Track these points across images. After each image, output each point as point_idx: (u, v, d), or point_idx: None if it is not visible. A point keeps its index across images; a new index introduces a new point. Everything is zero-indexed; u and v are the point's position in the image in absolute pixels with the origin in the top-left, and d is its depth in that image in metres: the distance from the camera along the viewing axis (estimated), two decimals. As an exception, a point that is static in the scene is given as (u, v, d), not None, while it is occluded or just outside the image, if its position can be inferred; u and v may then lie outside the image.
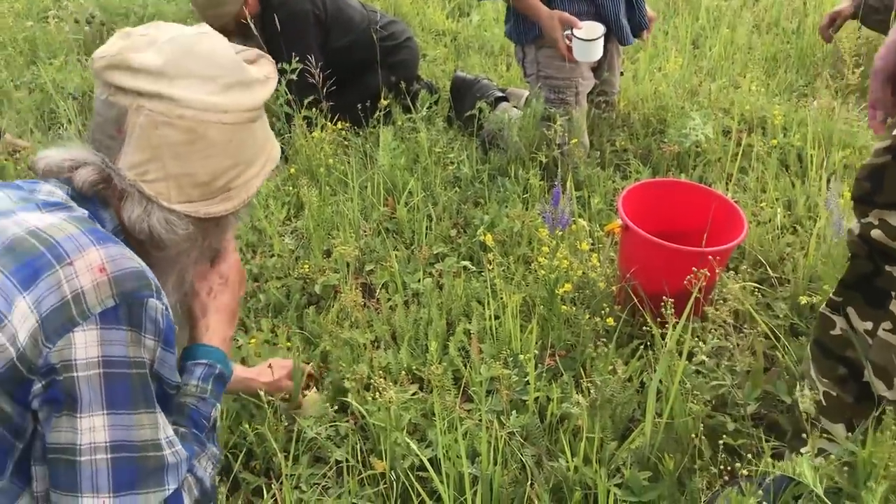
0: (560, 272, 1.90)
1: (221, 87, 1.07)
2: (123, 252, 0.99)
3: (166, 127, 1.05)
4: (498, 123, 2.70)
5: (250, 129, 1.12)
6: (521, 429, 1.61)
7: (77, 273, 0.94)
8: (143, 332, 0.98)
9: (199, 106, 1.05)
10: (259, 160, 1.16)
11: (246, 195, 1.15)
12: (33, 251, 0.94)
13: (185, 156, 1.06)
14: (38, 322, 0.92)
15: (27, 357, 0.92)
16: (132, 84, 1.04)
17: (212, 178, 1.09)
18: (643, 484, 1.50)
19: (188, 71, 1.06)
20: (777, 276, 2.12)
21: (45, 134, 3.07)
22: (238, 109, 1.09)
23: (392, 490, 1.54)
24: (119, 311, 0.96)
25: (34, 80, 3.53)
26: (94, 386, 0.94)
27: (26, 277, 0.93)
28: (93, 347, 0.94)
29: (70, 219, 1.00)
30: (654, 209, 2.04)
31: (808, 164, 2.57)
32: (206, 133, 1.06)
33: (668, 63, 3.38)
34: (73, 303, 0.93)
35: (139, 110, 1.04)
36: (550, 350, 1.87)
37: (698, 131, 2.66)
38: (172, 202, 1.08)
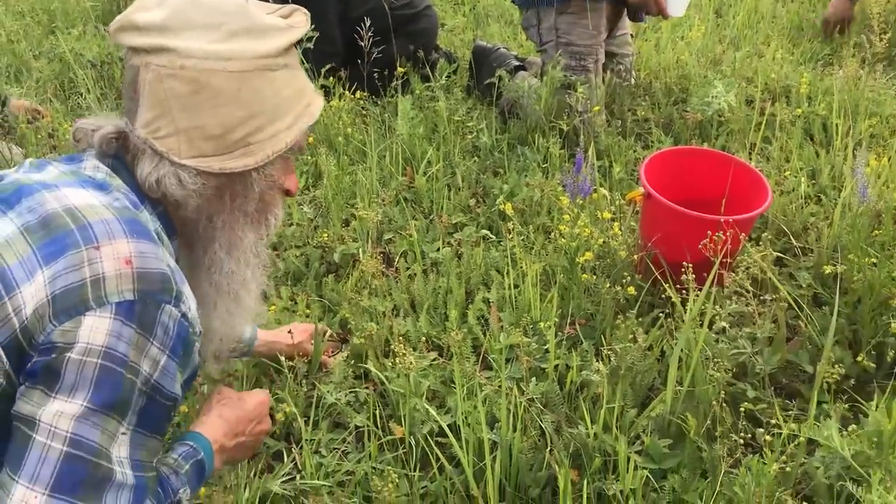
0: (581, 241, 1.88)
1: (225, 35, 1.04)
2: (155, 252, 0.98)
3: (171, 79, 1.02)
4: (517, 92, 2.67)
5: (266, 78, 1.07)
6: (541, 396, 1.61)
7: (102, 258, 0.93)
8: (151, 339, 0.96)
9: (199, 54, 1.02)
10: (288, 114, 1.11)
11: (271, 150, 1.10)
12: (65, 228, 0.94)
13: (192, 108, 1.04)
14: (48, 297, 0.91)
15: (29, 330, 0.91)
16: (139, 42, 1.03)
17: (224, 130, 1.06)
18: (663, 451, 1.49)
19: (190, 21, 1.04)
20: (800, 245, 2.10)
21: (63, 103, 3.07)
22: (245, 57, 1.04)
23: (411, 455, 1.55)
24: (135, 307, 0.94)
25: (53, 50, 3.53)
26: (85, 373, 0.92)
27: (51, 253, 0.92)
28: (100, 335, 0.92)
29: (110, 206, 0.99)
30: (677, 177, 2.02)
31: (833, 134, 2.53)
32: (210, 82, 1.03)
33: (690, 32, 3.32)
34: (91, 286, 0.92)
35: (147, 67, 1.03)
36: (570, 319, 1.86)
37: (721, 100, 2.62)
38: (183, 157, 1.05)
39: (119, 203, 1.02)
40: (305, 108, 1.14)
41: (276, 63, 1.08)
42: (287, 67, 1.10)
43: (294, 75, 1.12)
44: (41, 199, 0.97)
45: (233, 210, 1.14)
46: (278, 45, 1.08)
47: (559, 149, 2.48)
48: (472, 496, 1.43)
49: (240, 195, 1.13)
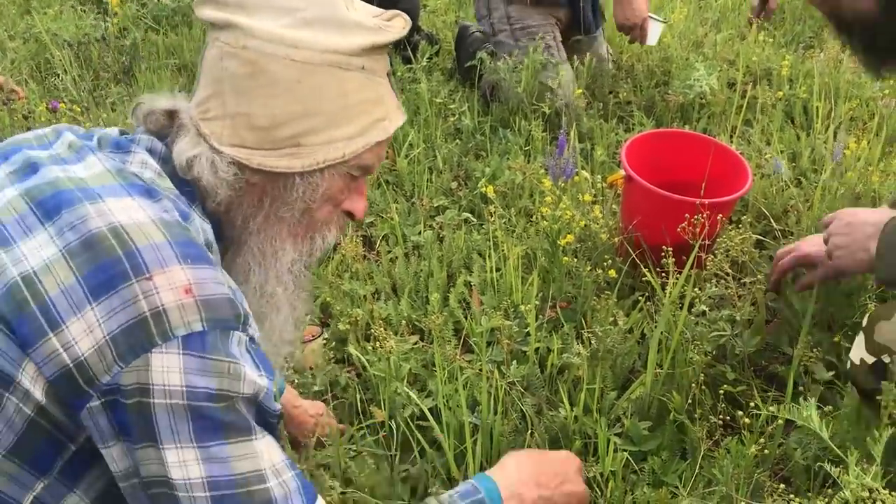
0: (562, 224, 1.88)
1: (299, 21, 0.95)
2: (214, 275, 0.88)
3: (231, 58, 0.95)
4: (497, 74, 2.66)
5: (335, 76, 0.96)
6: (522, 379, 1.61)
7: (157, 289, 0.84)
8: (237, 360, 0.87)
9: (264, 36, 0.94)
10: (354, 122, 0.99)
11: (323, 158, 0.99)
12: (111, 254, 0.84)
13: (245, 92, 0.96)
14: (107, 337, 0.83)
15: (88, 369, 0.83)
16: (213, 16, 0.97)
17: (272, 122, 0.96)
18: (643, 433, 1.50)
19: (268, 2, 0.96)
20: (781, 228, 2.11)
21: (40, 84, 3.03)
22: (315, 48, 0.95)
23: (392, 439, 1.55)
24: (206, 337, 0.85)
25: (29, 30, 3.47)
26: (177, 417, 0.84)
27: (99, 285, 0.83)
28: (174, 374, 0.83)
29: (159, 221, 0.89)
30: (658, 160, 2.02)
31: (814, 116, 2.54)
32: (269, 67, 0.94)
33: (673, 14, 3.32)
34: (153, 321, 0.83)
35: (214, 43, 0.97)
36: (551, 301, 1.86)
37: (703, 82, 2.62)
38: (223, 143, 0.97)
39: (168, 215, 0.91)
40: (377, 121, 1.02)
41: (351, 62, 0.97)
42: (364, 71, 0.99)
43: (372, 82, 1.00)
44: (83, 213, 0.87)
45: (269, 215, 1.03)
46: (357, 43, 0.97)
47: (541, 132, 2.47)
48: (454, 479, 1.44)
49: (278, 199, 1.02)
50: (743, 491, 1.33)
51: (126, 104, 2.83)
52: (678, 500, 1.36)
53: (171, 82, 2.96)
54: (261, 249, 1.05)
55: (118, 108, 2.82)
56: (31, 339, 0.83)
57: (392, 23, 1.02)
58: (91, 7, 3.71)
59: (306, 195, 1.02)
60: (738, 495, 1.32)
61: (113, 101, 2.88)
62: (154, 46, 3.24)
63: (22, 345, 0.83)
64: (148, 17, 3.52)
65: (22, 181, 0.94)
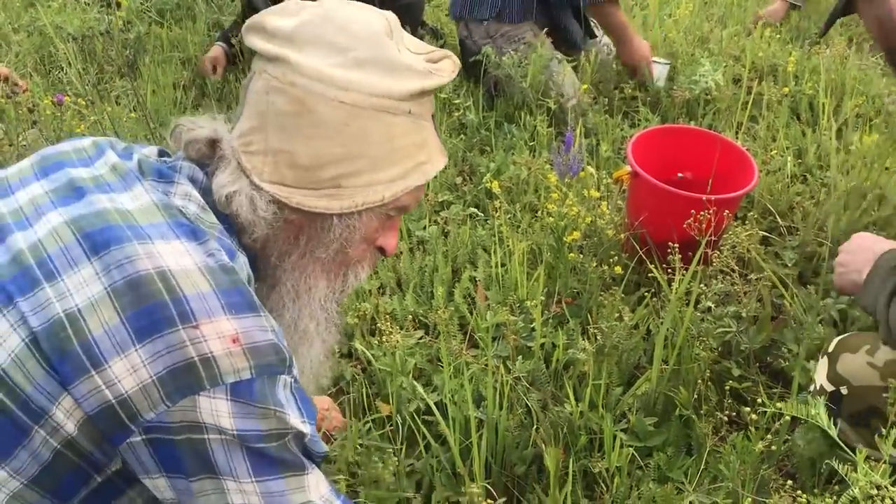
0: (568, 220, 1.88)
1: (350, 62, 0.93)
2: (258, 322, 0.88)
3: (277, 93, 0.93)
4: (502, 70, 2.66)
5: (382, 120, 0.94)
6: (527, 374, 1.61)
7: (205, 337, 0.83)
8: (283, 409, 0.88)
9: (313, 74, 0.92)
10: (396, 165, 0.98)
11: (363, 200, 0.97)
12: (157, 298, 0.83)
13: (289, 129, 0.93)
14: (153, 377, 0.82)
15: (132, 406, 0.82)
16: (262, 46, 0.95)
17: (314, 163, 0.94)
18: (649, 429, 1.50)
19: (318, 37, 0.93)
20: (786, 224, 2.10)
21: (44, 77, 3.02)
22: (365, 91, 0.93)
23: (398, 433, 1.55)
24: (254, 385, 0.85)
25: (33, 23, 3.47)
26: (233, 453, 0.86)
27: (143, 328, 0.83)
28: (224, 419, 0.84)
29: (205, 268, 0.87)
30: (664, 156, 2.01)
31: (820, 113, 2.53)
32: (316, 107, 0.92)
33: (678, 9, 3.31)
34: (203, 366, 0.83)
35: (261, 74, 0.95)
36: (557, 297, 1.86)
37: (708, 78, 2.61)
38: (263, 179, 0.95)
39: (213, 260, 0.89)
40: (419, 165, 1.00)
41: (399, 107, 0.95)
42: (411, 115, 0.97)
43: (418, 126, 0.99)
44: (131, 252, 0.85)
45: (305, 253, 1.02)
46: (407, 88, 0.95)
47: (546, 127, 2.46)
48: (459, 474, 1.44)
49: (315, 239, 1.01)
50: (749, 487, 1.34)
51: (130, 98, 2.83)
52: (683, 495, 1.36)
53: (174, 76, 2.96)
54: (295, 287, 1.04)
55: (122, 102, 2.82)
56: (72, 377, 0.82)
57: (441, 66, 1.00)
58: (95, 0, 3.70)
59: (343, 236, 1.01)
60: (745, 491, 1.32)
61: (117, 94, 2.88)
62: (158, 40, 3.23)
63: (62, 381, 0.82)
64: (152, 11, 3.52)
65: (65, 205, 0.92)
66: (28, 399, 0.82)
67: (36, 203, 0.93)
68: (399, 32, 0.99)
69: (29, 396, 0.82)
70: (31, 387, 0.82)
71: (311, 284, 1.04)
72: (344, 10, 0.96)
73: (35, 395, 0.82)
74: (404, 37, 1.01)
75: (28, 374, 0.82)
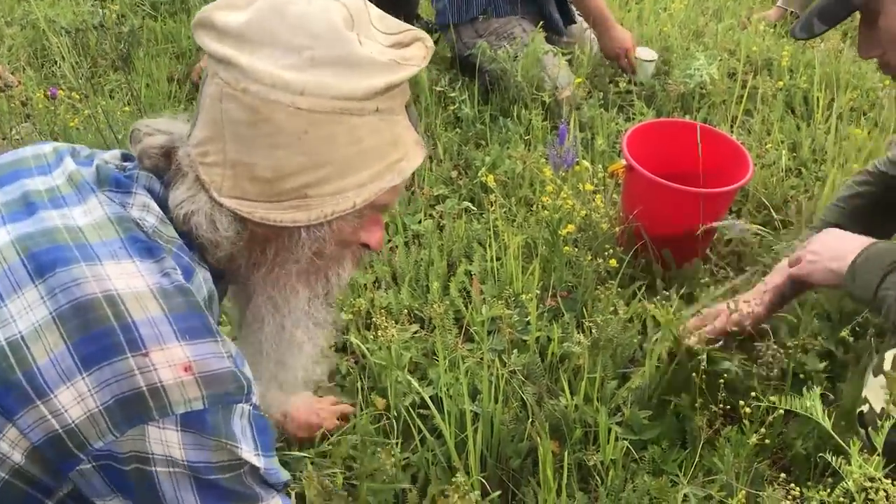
0: (563, 213, 1.88)
1: (305, 62, 0.85)
2: (214, 349, 0.83)
3: (230, 100, 0.86)
4: (497, 64, 2.65)
5: (345, 123, 0.87)
6: (522, 367, 1.61)
7: (154, 365, 0.79)
8: (236, 443, 0.84)
9: (266, 80, 0.84)
10: (366, 168, 0.90)
11: (332, 210, 0.90)
12: (104, 324, 0.79)
13: (246, 140, 0.87)
14: (100, 407, 0.79)
15: (79, 434, 0.79)
16: (211, 47, 0.87)
17: (276, 174, 0.88)
18: (643, 422, 1.50)
19: (270, 35, 0.86)
20: (781, 218, 2.11)
21: (37, 71, 3.01)
22: (322, 94, 0.85)
23: (394, 427, 1.55)
24: (206, 416, 0.81)
25: (26, 17, 3.45)
26: (181, 487, 0.83)
27: (90, 355, 0.79)
28: (175, 449, 0.81)
29: (159, 290, 0.83)
30: (659, 150, 2.01)
31: (814, 107, 2.54)
32: (272, 115, 0.85)
33: (673, 3, 3.31)
34: (151, 396, 0.79)
35: (213, 78, 0.88)
36: (552, 291, 1.86)
37: (703, 72, 2.61)
38: (223, 194, 0.89)
39: (168, 281, 0.84)
40: (393, 163, 0.93)
41: (363, 107, 0.88)
42: (378, 113, 0.89)
43: (389, 122, 0.91)
44: (78, 275, 0.81)
45: (274, 267, 0.97)
46: (371, 85, 0.87)
47: (541, 121, 2.46)
48: (454, 467, 1.44)
49: (283, 251, 0.95)
50: (743, 480, 1.34)
51: (124, 91, 2.82)
52: (678, 488, 1.36)
53: (169, 69, 2.95)
54: (271, 298, 0.99)
55: (116, 96, 2.81)
56: (16, 408, 0.79)
57: (410, 52, 0.92)
58: (88, -7, 3.69)
59: (313, 247, 0.95)
60: (739, 484, 1.33)
61: (111, 88, 2.87)
62: (152, 33, 3.22)
63: (5, 412, 0.79)
64: (146, 4, 3.50)
65: (15, 221, 0.87)
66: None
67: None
68: (361, 16, 0.91)
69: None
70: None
71: (289, 294, 0.99)
72: (298, 4, 0.88)
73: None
74: (370, 17, 0.92)
75: None
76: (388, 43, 0.92)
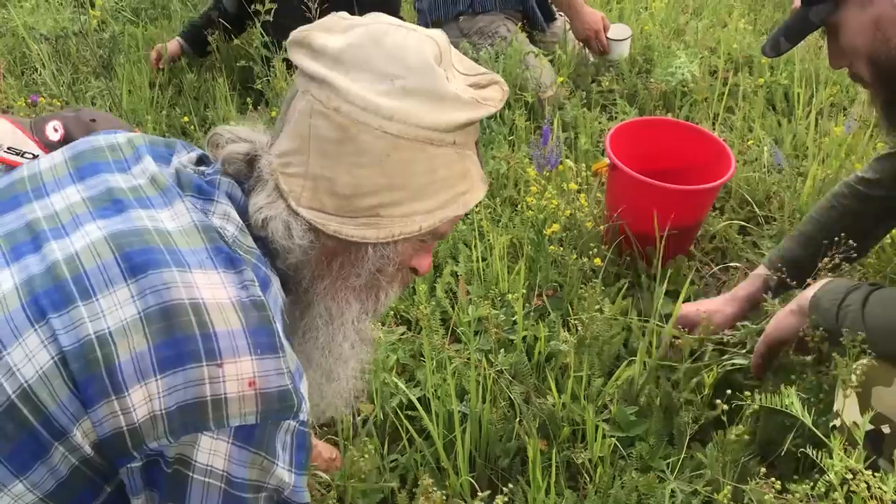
0: (548, 213, 1.89)
1: (397, 91, 0.90)
2: (278, 366, 0.86)
3: (320, 117, 0.91)
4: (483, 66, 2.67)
5: (425, 151, 0.92)
6: (510, 367, 1.62)
7: (224, 378, 0.83)
8: (274, 459, 0.87)
9: (359, 102, 0.89)
10: (435, 196, 0.96)
11: (400, 231, 0.95)
12: (187, 331, 0.83)
13: (331, 156, 0.91)
14: (162, 411, 0.82)
15: (139, 435, 0.83)
16: (307, 65, 0.92)
17: (354, 192, 0.93)
18: (630, 419, 1.51)
19: (366, 62, 0.91)
20: (764, 214, 2.12)
21: (18, 79, 2.99)
22: (409, 122, 0.90)
23: (382, 429, 1.55)
24: (255, 430, 0.85)
25: (5, 24, 3.43)
26: (210, 495, 0.86)
27: (168, 359, 0.82)
28: (219, 459, 0.84)
29: (238, 303, 0.86)
30: (641, 148, 2.03)
31: (795, 103, 2.56)
32: (360, 136, 0.90)
33: (653, 2, 3.32)
34: (212, 407, 0.83)
35: (304, 94, 0.93)
36: (538, 290, 1.87)
37: (684, 70, 2.63)
38: (301, 204, 0.94)
39: (246, 294, 0.88)
40: (459, 195, 0.98)
41: (444, 139, 0.93)
42: (455, 146, 0.95)
43: (460, 156, 0.96)
44: (169, 279, 0.84)
45: (338, 279, 1.01)
46: (454, 120, 0.92)
47: (525, 121, 2.47)
48: (443, 468, 1.44)
49: (348, 265, 1.00)
50: (729, 475, 1.35)
51: (106, 98, 2.81)
52: (665, 484, 1.37)
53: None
54: (328, 309, 1.03)
55: (98, 102, 2.80)
56: (94, 400, 0.82)
57: (489, 94, 0.97)
58: (69, 0, 3.67)
59: (377, 264, 1.00)
60: (725, 479, 1.34)
61: (93, 94, 2.86)
62: (133, 39, 3.21)
63: (84, 402, 0.82)
64: (127, 10, 3.48)
65: (104, 217, 0.91)
66: (51, 417, 0.82)
67: (73, 211, 0.92)
68: (448, 55, 0.96)
69: (52, 414, 0.82)
70: (54, 405, 0.82)
71: (344, 308, 1.03)
72: (395, 35, 0.93)
73: (58, 413, 0.82)
74: (453, 56, 0.98)
75: (53, 392, 0.81)
76: (468, 83, 0.97)
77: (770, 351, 1.45)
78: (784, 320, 1.42)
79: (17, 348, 0.82)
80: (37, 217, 0.92)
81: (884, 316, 1.24)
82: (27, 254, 0.89)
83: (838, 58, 1.35)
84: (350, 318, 1.04)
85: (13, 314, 0.84)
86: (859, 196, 1.61)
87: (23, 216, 0.93)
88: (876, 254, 1.85)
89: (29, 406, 0.82)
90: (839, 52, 1.34)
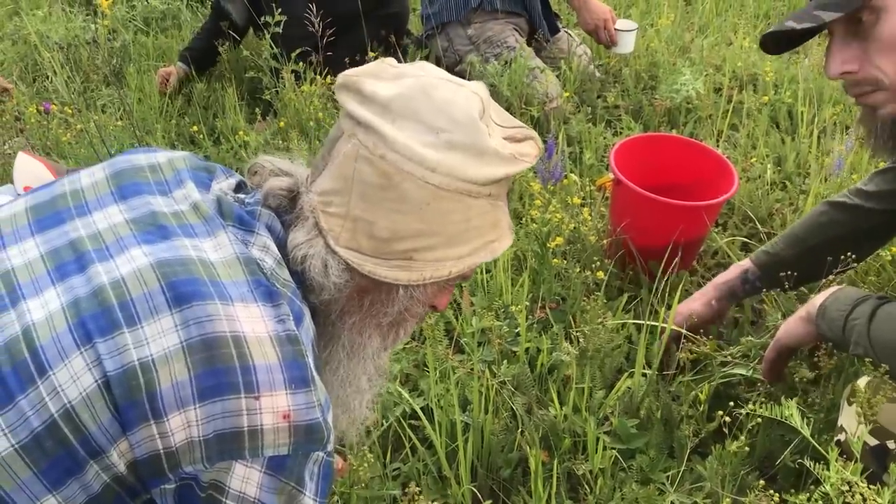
0: (552, 226, 1.91)
1: (442, 143, 0.94)
2: (309, 399, 0.89)
3: (365, 162, 0.94)
4: (486, 79, 2.69)
5: (462, 202, 0.96)
6: (512, 378, 1.63)
7: (261, 410, 0.86)
8: (302, 489, 0.90)
9: (405, 152, 0.93)
10: (467, 244, 0.99)
11: (431, 275, 0.99)
12: (227, 363, 0.85)
13: (372, 200, 0.95)
14: (200, 438, 0.85)
15: (176, 458, 0.86)
16: (354, 109, 0.95)
17: (392, 235, 0.96)
18: (631, 431, 1.52)
19: (414, 113, 0.94)
20: (766, 231, 2.14)
21: (29, 86, 3.03)
22: (451, 174, 0.93)
23: (385, 438, 1.56)
24: (287, 461, 0.88)
25: (17, 31, 3.47)
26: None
27: (208, 389, 0.85)
28: (251, 487, 0.87)
29: (276, 338, 0.89)
30: (646, 164, 2.05)
31: (799, 121, 2.58)
32: (402, 184, 0.93)
33: (660, 19, 3.36)
34: (249, 437, 0.86)
35: (350, 138, 0.96)
36: (541, 302, 1.88)
37: (689, 87, 2.65)
38: (339, 244, 0.97)
39: (283, 328, 0.90)
40: (488, 243, 1.02)
41: (480, 191, 0.97)
42: (489, 197, 0.99)
43: (493, 207, 1.00)
44: (213, 312, 0.87)
45: (366, 317, 1.05)
46: (492, 174, 0.96)
47: (530, 135, 2.49)
48: (445, 477, 1.46)
49: (378, 304, 1.03)
50: (728, 488, 1.36)
51: (116, 106, 2.84)
52: (665, 496, 1.38)
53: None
54: (350, 342, 1.06)
55: (109, 110, 2.83)
56: (133, 423, 0.85)
57: (525, 149, 1.00)
58: (80, 9, 3.71)
59: (405, 304, 1.03)
60: (724, 492, 1.35)
61: (104, 103, 2.89)
62: (144, 48, 3.24)
63: (123, 425, 0.85)
64: (137, 19, 3.53)
65: (149, 243, 0.92)
66: (90, 437, 0.84)
67: (117, 232, 0.94)
68: (489, 108, 1.00)
69: (91, 435, 0.84)
70: (95, 426, 0.84)
71: (366, 342, 1.07)
72: (444, 89, 0.96)
73: (97, 434, 0.84)
74: (493, 111, 1.01)
75: (95, 414, 0.84)
76: (504, 136, 1.00)
77: (780, 357, 1.46)
78: (794, 327, 1.42)
79: (62, 369, 0.84)
80: (80, 236, 0.94)
81: (889, 332, 1.24)
82: (72, 274, 0.90)
83: (847, 61, 1.21)
84: (371, 353, 1.08)
85: (60, 336, 0.85)
86: (853, 207, 1.62)
87: (66, 233, 0.95)
88: (877, 271, 1.87)
89: (70, 426, 0.84)
90: (859, 50, 1.19)
